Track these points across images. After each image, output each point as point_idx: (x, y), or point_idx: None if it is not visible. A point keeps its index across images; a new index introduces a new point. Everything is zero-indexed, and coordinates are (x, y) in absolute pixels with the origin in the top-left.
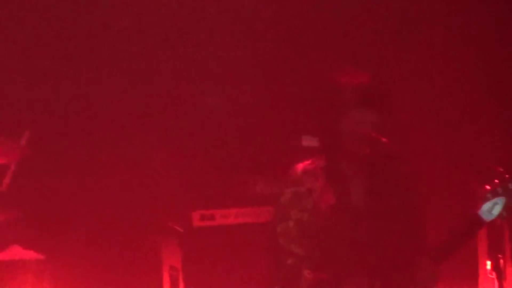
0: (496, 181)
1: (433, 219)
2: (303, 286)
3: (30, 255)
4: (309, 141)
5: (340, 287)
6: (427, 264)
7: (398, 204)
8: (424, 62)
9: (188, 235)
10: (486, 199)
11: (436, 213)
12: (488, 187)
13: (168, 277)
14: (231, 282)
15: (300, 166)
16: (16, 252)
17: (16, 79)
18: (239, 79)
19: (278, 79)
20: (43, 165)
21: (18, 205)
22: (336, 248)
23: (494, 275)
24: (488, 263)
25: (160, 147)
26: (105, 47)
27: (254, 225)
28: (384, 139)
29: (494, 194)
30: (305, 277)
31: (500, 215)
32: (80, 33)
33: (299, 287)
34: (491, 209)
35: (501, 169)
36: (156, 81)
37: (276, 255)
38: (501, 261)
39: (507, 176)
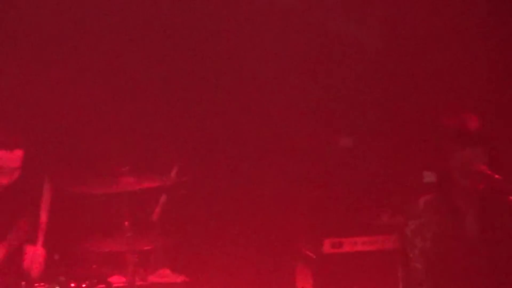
0: None
1: None
2: None
3: (179, 278)
4: (428, 177)
5: None
6: None
7: (507, 236)
8: None
9: (319, 261)
10: None
11: None
12: None
13: None
14: None
15: (421, 199)
16: (166, 275)
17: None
18: (368, 120)
19: (399, 121)
20: (189, 196)
21: (167, 233)
22: (453, 274)
23: None
24: None
25: (297, 180)
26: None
27: (379, 252)
28: (496, 176)
29: None
30: None
31: None
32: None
33: None
34: None
35: None
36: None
37: (407, 280)
38: None
39: None
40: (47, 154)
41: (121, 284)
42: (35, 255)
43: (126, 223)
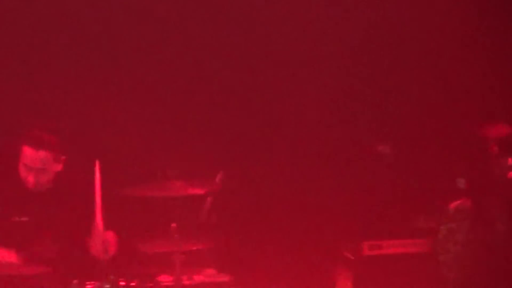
0: None
1: None
2: None
3: (224, 277)
4: (462, 183)
5: None
6: None
7: None
8: None
9: (358, 263)
10: None
11: None
12: None
13: None
14: None
15: (453, 205)
16: (211, 275)
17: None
18: (406, 127)
19: (436, 129)
20: (234, 199)
21: (213, 234)
22: (483, 278)
23: None
24: None
25: (338, 185)
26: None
27: (416, 255)
28: None
29: None
30: None
31: None
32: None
33: None
34: None
35: None
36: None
37: (440, 282)
38: None
39: None
40: (100, 156)
41: (169, 283)
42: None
43: (174, 224)
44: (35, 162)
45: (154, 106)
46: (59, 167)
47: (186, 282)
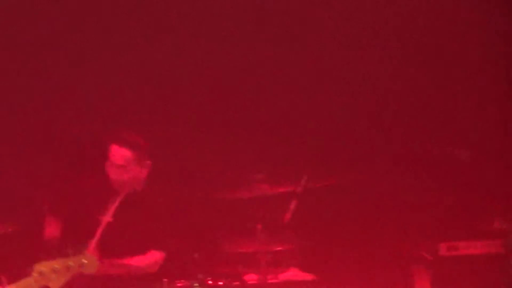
0: None
1: None
2: None
3: (307, 276)
4: None
5: None
6: None
7: None
8: None
9: (436, 263)
10: None
11: None
12: None
13: None
14: None
15: None
16: (295, 274)
17: None
18: (485, 132)
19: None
20: (317, 201)
21: (297, 235)
22: None
23: None
24: None
25: (416, 187)
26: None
27: (492, 256)
28: None
29: None
30: None
31: None
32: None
33: None
34: None
35: None
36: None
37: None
38: None
39: None
40: (190, 160)
41: (254, 282)
42: None
43: (259, 226)
44: (118, 159)
45: (241, 112)
46: (143, 172)
47: (271, 281)
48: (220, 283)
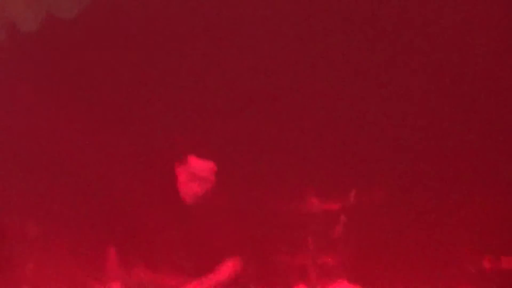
0: None
1: None
2: None
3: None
4: None
5: None
6: None
7: None
8: None
9: (479, 276)
10: None
11: None
12: None
13: None
14: None
15: None
16: (343, 286)
17: None
18: None
19: None
20: (365, 216)
21: (346, 248)
22: None
23: None
24: None
25: (459, 199)
26: None
27: None
28: None
29: None
30: None
31: None
32: None
33: None
34: None
35: None
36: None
37: None
38: None
39: None
40: (245, 175)
41: None
42: None
43: (309, 239)
44: (203, 171)
45: (292, 127)
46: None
47: None
48: None
